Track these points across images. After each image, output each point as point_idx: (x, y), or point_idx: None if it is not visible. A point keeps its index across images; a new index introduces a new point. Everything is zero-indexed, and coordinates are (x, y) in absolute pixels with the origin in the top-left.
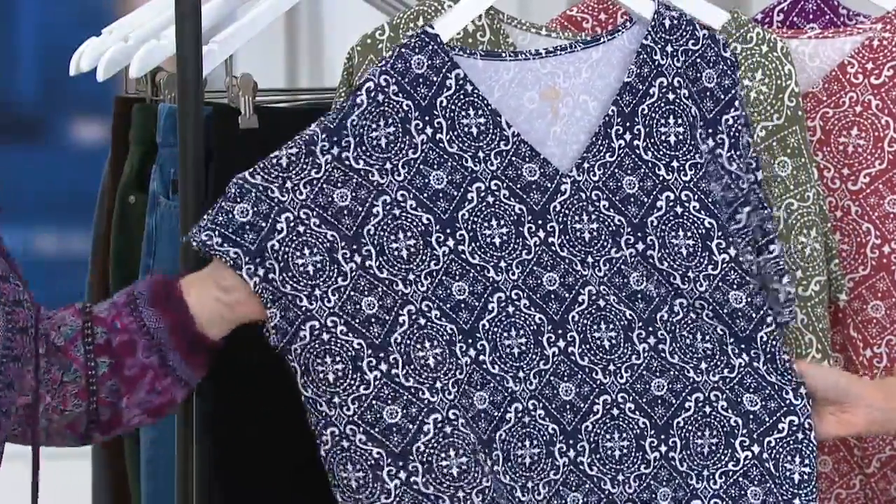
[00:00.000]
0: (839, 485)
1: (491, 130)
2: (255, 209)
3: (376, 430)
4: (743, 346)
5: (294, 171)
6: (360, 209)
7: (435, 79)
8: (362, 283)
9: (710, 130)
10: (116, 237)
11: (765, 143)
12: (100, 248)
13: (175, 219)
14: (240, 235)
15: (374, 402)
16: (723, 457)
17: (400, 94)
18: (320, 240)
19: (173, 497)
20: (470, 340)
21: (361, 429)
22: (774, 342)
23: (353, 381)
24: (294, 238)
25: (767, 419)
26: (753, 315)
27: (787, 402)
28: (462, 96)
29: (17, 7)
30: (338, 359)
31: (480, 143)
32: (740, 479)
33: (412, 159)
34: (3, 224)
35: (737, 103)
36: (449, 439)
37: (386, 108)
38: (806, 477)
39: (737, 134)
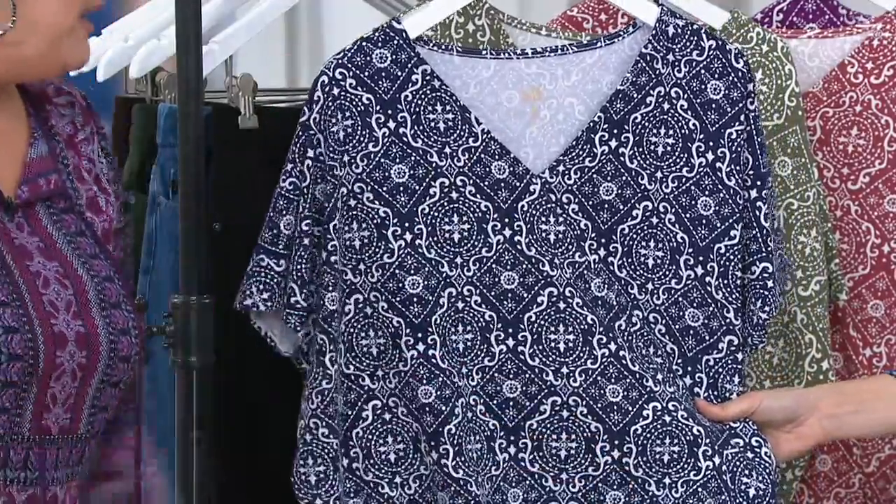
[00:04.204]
0: (838, 484)
1: (459, 127)
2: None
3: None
4: (689, 367)
5: (301, 185)
6: (328, 205)
7: (399, 73)
8: (326, 279)
9: (710, 143)
10: None
11: (765, 142)
12: None
13: (175, 219)
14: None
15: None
16: (685, 465)
17: (359, 87)
18: (317, 243)
19: (174, 498)
20: (420, 335)
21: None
22: (721, 369)
23: (317, 373)
24: (304, 251)
25: (720, 435)
26: (706, 338)
27: (727, 426)
28: (429, 91)
29: None
30: (311, 350)
31: (448, 139)
32: (700, 489)
33: (372, 152)
34: None
35: (742, 117)
36: (387, 426)
37: (343, 101)
38: (761, 492)
39: (738, 149)
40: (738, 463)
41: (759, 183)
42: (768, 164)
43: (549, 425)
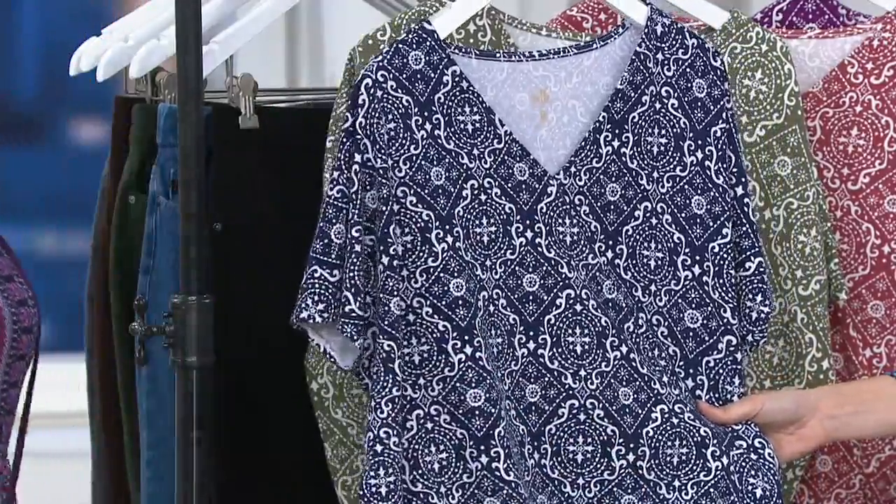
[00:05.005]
0: (839, 484)
1: (485, 128)
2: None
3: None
4: (690, 370)
5: (349, 192)
6: (384, 209)
7: (432, 75)
8: (390, 284)
9: (699, 142)
10: (116, 237)
11: (764, 142)
12: (100, 248)
13: (175, 219)
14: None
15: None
16: (695, 467)
17: (399, 90)
18: (366, 250)
19: (173, 498)
20: (466, 337)
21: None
22: (722, 370)
23: (385, 382)
24: (357, 259)
25: (724, 437)
26: (706, 339)
27: (730, 428)
28: (458, 93)
29: (17, 7)
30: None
31: (475, 141)
32: (711, 490)
33: (413, 155)
34: (4, 224)
35: (724, 115)
36: (430, 435)
37: (386, 104)
38: (767, 492)
39: (723, 147)
40: (743, 464)
41: (742, 180)
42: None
43: (566, 429)
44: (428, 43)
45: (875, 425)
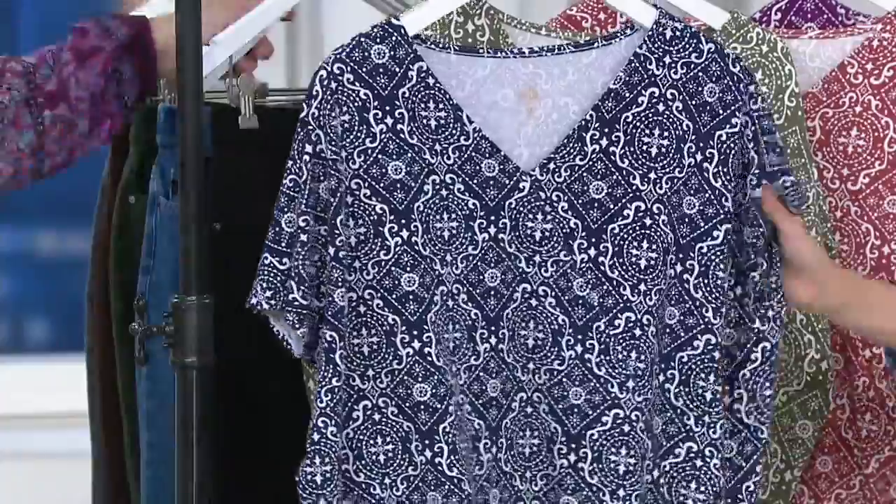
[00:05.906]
0: (839, 485)
1: (451, 125)
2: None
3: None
4: (663, 364)
5: (300, 182)
6: (333, 200)
7: (397, 70)
8: (335, 275)
9: (700, 144)
10: (116, 237)
11: None
12: (100, 248)
13: (175, 219)
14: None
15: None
16: (640, 479)
17: (357, 83)
18: (319, 240)
19: (173, 498)
20: (416, 332)
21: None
22: (695, 367)
23: (326, 372)
24: (301, 248)
25: (665, 442)
26: (681, 334)
27: (688, 427)
28: (423, 89)
29: (17, 7)
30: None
31: (438, 137)
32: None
33: (370, 148)
34: (3, 224)
35: (734, 120)
36: (377, 427)
37: (340, 96)
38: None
39: (728, 151)
40: (676, 474)
41: (764, 182)
42: (786, 161)
43: (517, 423)
44: (394, 38)
45: (863, 327)
